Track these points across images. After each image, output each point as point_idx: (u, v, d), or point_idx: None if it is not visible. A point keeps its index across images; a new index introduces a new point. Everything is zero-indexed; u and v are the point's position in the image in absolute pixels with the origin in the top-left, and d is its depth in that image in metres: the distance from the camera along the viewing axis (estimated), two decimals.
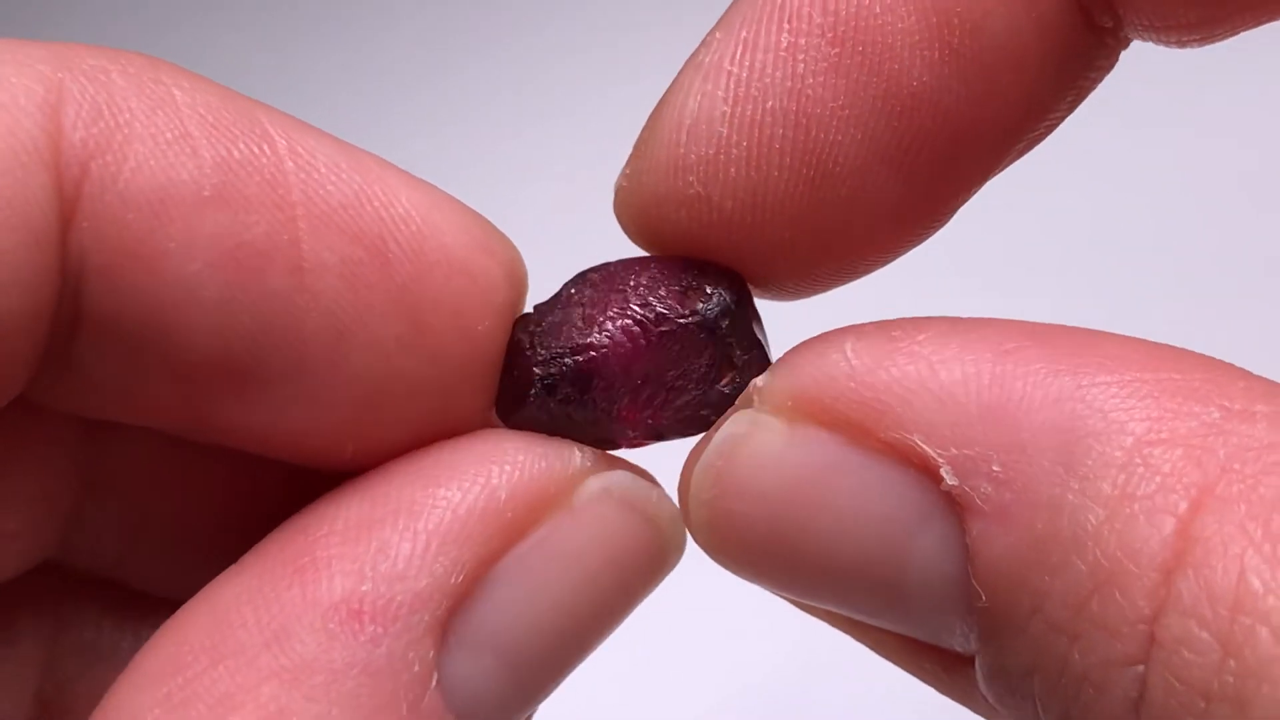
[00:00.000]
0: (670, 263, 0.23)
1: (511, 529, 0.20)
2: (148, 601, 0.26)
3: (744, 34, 0.21)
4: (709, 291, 0.22)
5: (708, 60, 0.21)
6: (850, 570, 0.20)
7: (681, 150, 0.21)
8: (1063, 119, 0.23)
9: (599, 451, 0.21)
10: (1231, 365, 0.18)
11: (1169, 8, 0.21)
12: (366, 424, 0.22)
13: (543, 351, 0.22)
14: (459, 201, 0.22)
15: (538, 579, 0.20)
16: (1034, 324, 0.19)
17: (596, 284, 0.22)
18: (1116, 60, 0.23)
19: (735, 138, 0.21)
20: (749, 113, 0.21)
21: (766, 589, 0.22)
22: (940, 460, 0.18)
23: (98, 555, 0.25)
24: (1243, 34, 0.22)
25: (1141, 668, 0.16)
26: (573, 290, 0.23)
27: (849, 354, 0.20)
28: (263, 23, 0.86)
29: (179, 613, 0.20)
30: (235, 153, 0.20)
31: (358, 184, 0.21)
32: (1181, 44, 0.22)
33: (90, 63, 0.20)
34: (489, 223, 0.22)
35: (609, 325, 0.22)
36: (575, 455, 0.21)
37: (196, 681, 0.18)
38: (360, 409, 0.22)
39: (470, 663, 0.20)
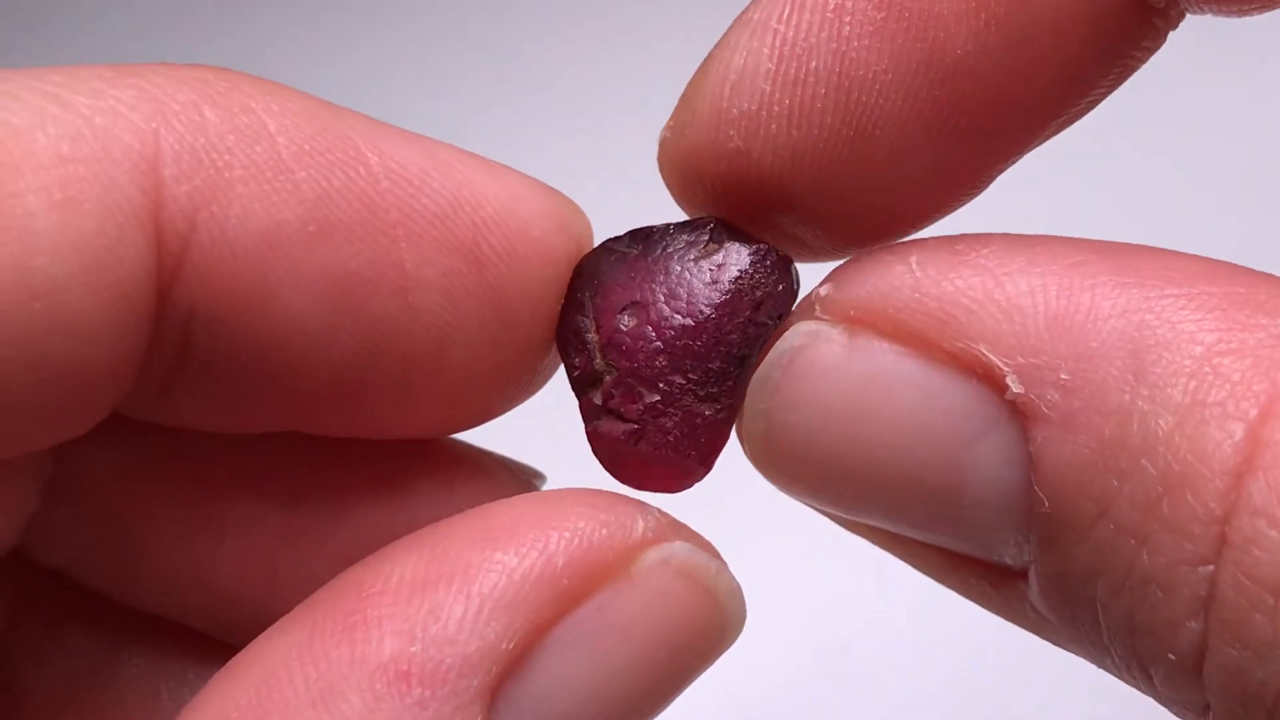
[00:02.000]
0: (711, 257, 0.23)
1: (567, 597, 0.20)
2: (113, 607, 0.26)
3: None
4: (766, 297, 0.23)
5: (756, 17, 0.21)
6: (907, 481, 0.20)
7: (725, 104, 0.21)
8: (1104, 96, 0.23)
9: (663, 518, 0.21)
10: None
11: None
12: (458, 407, 0.23)
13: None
14: (536, 182, 0.23)
15: (591, 649, 0.20)
16: (1097, 241, 0.20)
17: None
18: (1163, 41, 0.23)
19: (778, 95, 0.21)
20: (793, 71, 0.21)
21: (815, 505, 0.22)
22: (1006, 369, 0.19)
23: (58, 557, 0.25)
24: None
25: (1211, 568, 0.17)
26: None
27: (914, 266, 0.20)
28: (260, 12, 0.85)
29: (231, 663, 0.20)
30: (334, 181, 0.20)
31: (449, 190, 0.21)
32: (1243, 11, 0.22)
33: (181, 100, 0.20)
34: (562, 197, 0.23)
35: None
36: (638, 523, 0.20)
37: None
38: (455, 398, 0.22)
39: None
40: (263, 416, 0.22)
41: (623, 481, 0.22)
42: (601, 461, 0.23)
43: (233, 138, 0.20)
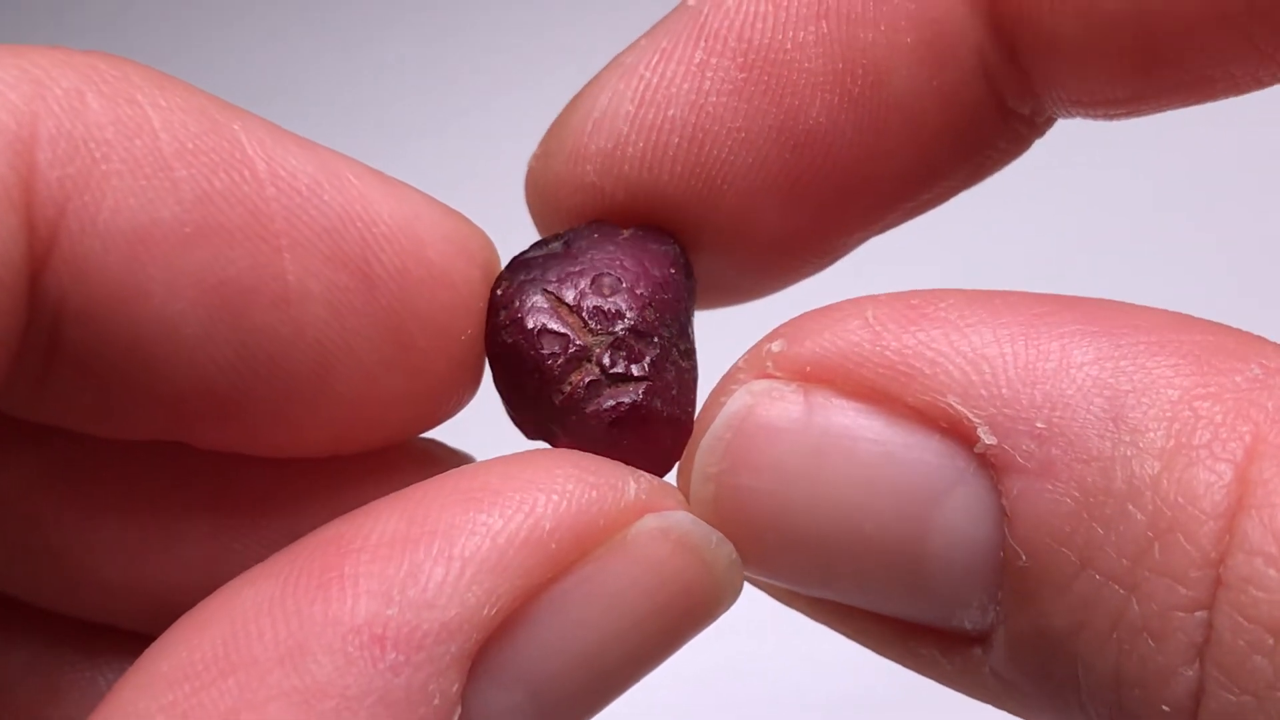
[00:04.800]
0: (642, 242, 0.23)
1: (556, 562, 0.19)
2: (41, 613, 0.24)
3: (664, 44, 0.22)
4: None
5: (627, 61, 0.22)
6: (869, 544, 0.19)
7: (585, 140, 0.22)
8: (960, 188, 0.24)
9: (654, 483, 0.20)
10: (1253, 333, 0.19)
11: (1096, 88, 0.22)
12: (346, 432, 0.22)
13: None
14: (436, 203, 0.22)
15: (580, 619, 0.19)
16: (1056, 294, 0.20)
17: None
18: (1027, 147, 0.24)
19: (633, 137, 0.22)
20: (650, 116, 0.22)
21: (764, 574, 0.21)
22: (977, 420, 0.18)
23: None
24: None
25: (1206, 612, 0.17)
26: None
27: (870, 319, 0.19)
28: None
29: (196, 610, 0.19)
30: (216, 183, 0.20)
31: (340, 204, 0.21)
32: (1109, 118, 0.23)
33: (64, 85, 0.19)
34: (465, 221, 0.22)
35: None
36: (630, 486, 0.20)
37: (204, 692, 0.18)
38: (342, 423, 0.21)
39: (500, 698, 0.19)
40: (139, 423, 0.21)
41: (617, 456, 0.21)
42: (598, 440, 0.22)
43: (113, 129, 0.19)
